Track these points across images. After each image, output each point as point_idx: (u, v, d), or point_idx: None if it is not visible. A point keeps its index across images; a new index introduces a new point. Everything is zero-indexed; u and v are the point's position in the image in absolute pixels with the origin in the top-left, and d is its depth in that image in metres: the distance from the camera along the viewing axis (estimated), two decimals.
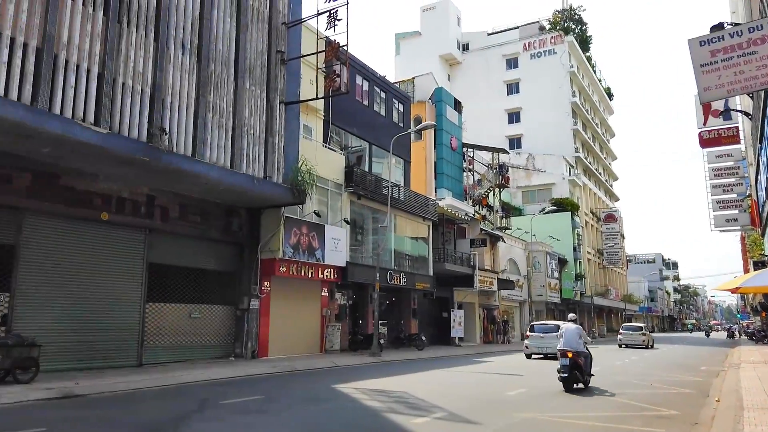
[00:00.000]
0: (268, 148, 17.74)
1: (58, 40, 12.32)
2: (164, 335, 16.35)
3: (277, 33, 18.60)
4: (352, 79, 26.01)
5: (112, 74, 13.36)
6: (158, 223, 16.18)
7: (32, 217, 13.44)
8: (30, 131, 11.53)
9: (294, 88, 19.19)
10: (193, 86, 15.45)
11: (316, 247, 20.40)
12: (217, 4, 16.43)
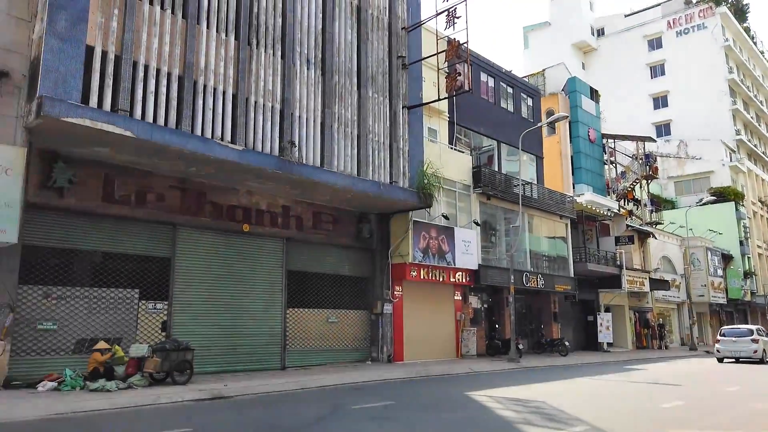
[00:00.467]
0: (393, 153, 17.86)
1: (197, 66, 13.38)
2: (304, 339, 17.04)
3: (397, 38, 18.70)
4: (476, 77, 25.49)
5: (245, 94, 14.23)
6: (294, 232, 16.93)
7: (184, 231, 14.69)
8: (176, 153, 12.63)
9: (416, 92, 19.16)
10: (318, 99, 16.01)
11: (446, 250, 20.13)
12: (338, 17, 16.90)
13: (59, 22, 11.24)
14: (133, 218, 13.65)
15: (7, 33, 11.39)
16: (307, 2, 16.08)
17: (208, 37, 13.70)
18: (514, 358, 20.28)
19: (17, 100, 11.37)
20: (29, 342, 11.94)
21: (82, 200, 12.79)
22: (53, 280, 12.46)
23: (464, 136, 24.77)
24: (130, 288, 13.64)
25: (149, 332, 13.77)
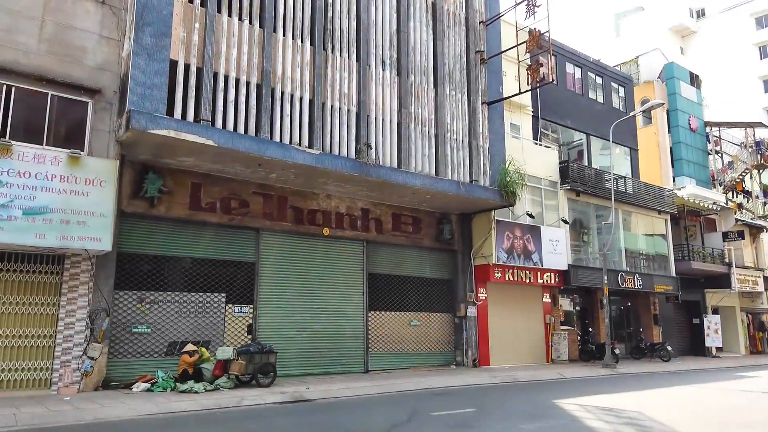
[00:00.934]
0: (473, 151, 17.35)
1: (274, 74, 13.62)
2: (387, 343, 16.91)
3: (474, 33, 18.18)
4: (561, 68, 24.38)
5: (321, 98, 14.32)
6: (374, 235, 16.85)
7: (267, 235, 15.00)
8: (255, 159, 12.91)
9: (496, 87, 18.53)
10: (395, 100, 15.85)
11: (532, 250, 19.30)
12: (413, 16, 16.66)
13: (145, 39, 11.80)
14: (218, 224, 14.11)
15: (99, 53, 12.10)
16: (381, 3, 15.99)
17: (285, 45, 13.92)
18: (609, 363, 19.08)
19: (109, 116, 12.05)
20: (126, 345, 12.61)
21: (171, 209, 13.37)
22: (146, 285, 13.10)
23: (551, 131, 23.73)
24: (217, 292, 14.10)
25: (236, 335, 14.16)
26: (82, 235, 11.20)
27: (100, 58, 12.11)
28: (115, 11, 12.42)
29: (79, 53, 11.87)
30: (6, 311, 11.09)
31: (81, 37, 11.94)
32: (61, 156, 11.16)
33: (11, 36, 11.15)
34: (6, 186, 10.56)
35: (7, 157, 10.63)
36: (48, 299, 11.54)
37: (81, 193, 11.29)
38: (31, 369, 11.24)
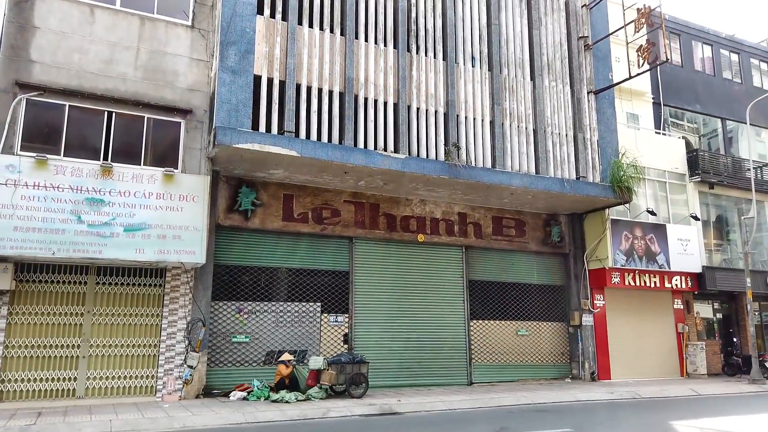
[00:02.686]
0: (579, 145, 15.92)
1: (357, 81, 13.44)
2: (492, 354, 15.95)
3: (576, 18, 16.77)
4: (687, 48, 21.87)
5: (406, 102, 13.90)
6: (473, 240, 16.03)
7: (360, 244, 14.81)
8: (340, 168, 12.77)
9: (605, 73, 16.92)
10: (486, 96, 15.00)
11: (656, 251, 17.27)
12: (504, 7, 15.73)
13: (229, 58, 12.17)
14: (311, 234, 14.16)
15: (189, 75, 12.68)
16: None
17: (367, 50, 13.71)
18: (757, 378, 16.50)
19: (201, 134, 12.55)
20: (225, 354, 12.99)
21: (265, 221, 13.63)
22: (244, 295, 13.43)
23: (679, 118, 21.31)
24: (312, 302, 14.13)
25: (332, 345, 14.07)
26: (177, 249, 11.72)
27: (190, 79, 12.68)
28: (204, 33, 12.97)
29: (172, 77, 12.51)
30: (114, 322, 11.87)
31: (173, 62, 12.59)
32: (157, 174, 11.78)
33: (111, 66, 12.01)
34: (108, 205, 11.33)
35: (108, 178, 11.42)
36: (152, 310, 12.20)
37: (176, 208, 11.83)
38: (139, 377, 11.91)
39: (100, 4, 12.17)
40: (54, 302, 11.54)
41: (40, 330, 11.36)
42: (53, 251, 10.82)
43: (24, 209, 10.77)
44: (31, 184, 10.89)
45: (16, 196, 10.77)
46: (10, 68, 11.25)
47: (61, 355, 11.42)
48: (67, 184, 11.15)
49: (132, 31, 12.36)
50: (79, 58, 11.79)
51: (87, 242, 11.09)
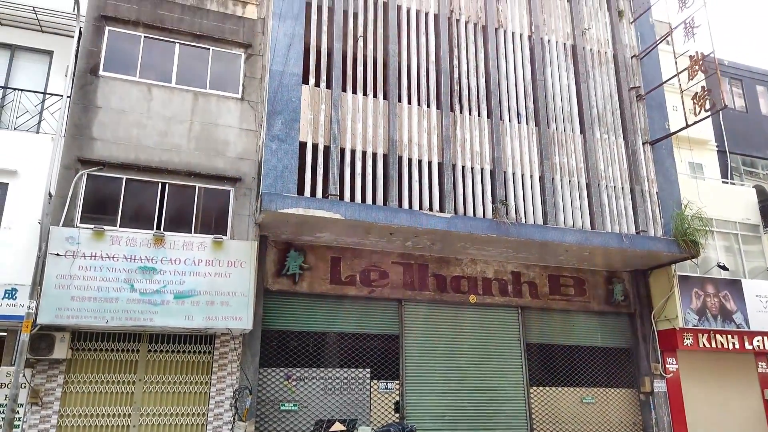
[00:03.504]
0: (637, 198, 15.19)
1: (400, 142, 13.51)
2: (556, 423, 14.87)
3: (626, 69, 16.41)
4: (751, 92, 20.94)
5: (451, 160, 13.80)
6: (529, 300, 15.34)
7: (410, 306, 14.45)
8: (385, 229, 12.67)
9: (661, 123, 16.30)
10: (534, 152, 14.69)
11: (732, 309, 15.93)
12: (549, 63, 15.62)
13: (276, 126, 12.55)
14: (359, 297, 13.95)
15: (239, 144, 13.12)
16: (512, 56, 15.29)
17: (410, 112, 13.83)
18: None
19: (249, 200, 12.82)
20: (274, 423, 12.71)
21: (313, 284, 13.57)
22: (292, 362, 13.24)
23: (753, 166, 20.17)
24: (362, 367, 13.75)
25: (383, 413, 13.54)
26: (225, 315, 11.77)
27: (240, 148, 13.11)
28: (253, 105, 13.48)
29: (222, 146, 12.98)
30: (165, 390, 11.91)
31: (224, 132, 13.09)
32: (207, 242, 12.03)
33: (166, 139, 12.61)
34: (160, 273, 11.61)
35: (161, 247, 11.75)
36: (200, 378, 12.19)
37: (224, 275, 11.98)
38: None
39: (157, 83, 12.94)
40: (107, 370, 11.73)
41: (93, 399, 11.52)
42: (107, 320, 11.10)
43: (81, 279, 11.18)
44: (89, 255, 11.33)
45: (75, 267, 11.22)
46: (73, 146, 12.00)
47: (113, 425, 11.49)
48: (122, 253, 11.54)
49: (186, 105, 13.00)
50: (137, 133, 12.46)
51: (139, 310, 11.33)
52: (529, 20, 15.70)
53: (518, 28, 15.52)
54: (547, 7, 16.06)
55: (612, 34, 16.64)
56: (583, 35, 16.21)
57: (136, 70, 12.91)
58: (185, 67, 13.32)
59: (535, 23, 15.67)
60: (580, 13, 16.40)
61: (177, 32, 13.40)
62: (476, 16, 15.17)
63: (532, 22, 15.68)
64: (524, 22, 15.66)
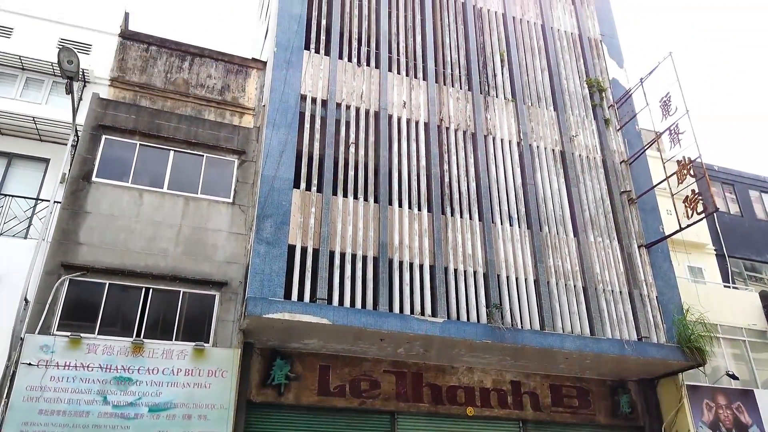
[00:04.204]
0: (636, 302, 14.74)
1: (391, 245, 13.34)
2: None
3: (616, 173, 16.61)
4: (744, 197, 21.11)
5: (443, 263, 13.56)
6: (530, 413, 14.39)
7: (403, 419, 13.51)
8: (374, 334, 12.17)
9: (655, 226, 16.21)
10: (528, 255, 14.48)
11: (746, 422, 14.92)
12: (539, 168, 15.84)
13: (266, 230, 12.46)
14: (349, 409, 13.11)
15: (227, 248, 12.97)
16: (502, 161, 15.54)
17: (401, 215, 13.80)
18: None
19: (234, 305, 12.45)
20: None
21: (299, 395, 12.81)
22: None
23: (756, 270, 19.86)
24: None
25: None
26: (202, 430, 11.01)
27: (228, 252, 12.94)
28: (243, 209, 13.50)
29: (210, 250, 12.82)
30: None
31: (213, 236, 12.99)
32: (187, 349, 11.52)
33: (154, 243, 12.48)
34: (136, 384, 11.01)
35: (139, 356, 11.24)
36: None
37: (203, 385, 11.36)
38: None
39: (149, 189, 13.04)
40: None
41: None
42: None
43: (52, 391, 10.60)
44: (63, 365, 10.82)
45: (46, 378, 10.67)
46: (59, 251, 11.84)
47: None
48: (98, 362, 11.02)
49: (176, 210, 13.01)
50: (124, 238, 12.35)
51: (110, 425, 10.64)
52: (518, 128, 16.14)
53: (507, 135, 15.92)
54: (535, 116, 16.58)
55: (600, 140, 17.03)
56: (571, 141, 16.59)
57: (128, 176, 13.06)
58: (178, 172, 13.49)
59: (523, 131, 16.09)
60: (567, 121, 16.90)
61: (173, 140, 13.73)
62: (465, 125, 15.61)
63: (520, 130, 16.11)
64: (512, 129, 16.09)
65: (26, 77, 14.45)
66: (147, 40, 15.67)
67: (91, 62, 14.76)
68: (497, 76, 16.64)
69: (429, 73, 15.76)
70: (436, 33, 16.63)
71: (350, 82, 14.90)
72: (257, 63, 16.63)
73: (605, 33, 19.15)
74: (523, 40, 17.68)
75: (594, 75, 17.99)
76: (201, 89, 15.61)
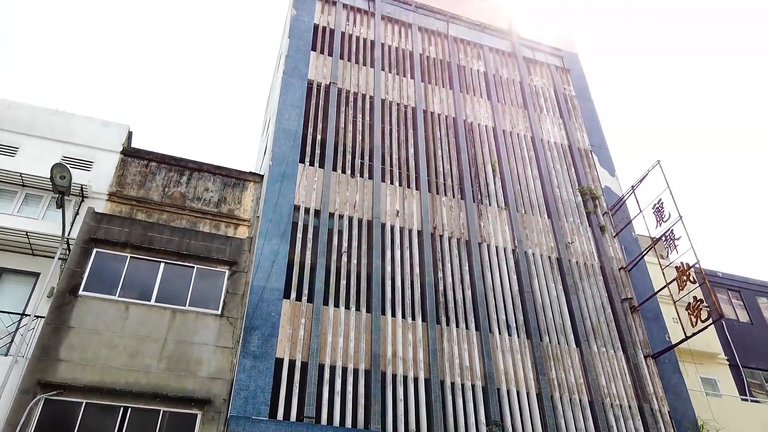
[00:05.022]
0: (647, 418, 13.81)
1: (384, 357, 12.80)
2: None
3: (615, 280, 16.30)
4: (752, 304, 20.53)
5: (439, 376, 12.92)
6: None
7: None
8: None
9: (660, 335, 15.62)
10: (529, 366, 13.82)
11: None
12: (536, 274, 15.60)
13: (253, 342, 12.05)
14: None
15: (213, 362, 12.43)
16: (497, 268, 15.33)
17: (394, 325, 13.38)
18: None
19: (217, 425, 11.69)
20: None
21: None
22: None
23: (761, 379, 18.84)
24: None
25: None
26: None
27: (213, 367, 12.38)
28: (232, 321, 13.12)
29: (195, 366, 12.28)
30: None
31: (198, 350, 12.50)
32: None
33: (136, 359, 11.99)
34: None
35: None
36: None
37: None
38: None
39: (136, 302, 12.77)
40: None
41: None
42: None
43: None
44: None
45: None
46: (37, 368, 11.37)
47: None
48: None
49: (163, 323, 12.65)
50: (106, 354, 11.89)
51: None
52: (512, 235, 16.10)
53: (501, 242, 15.84)
54: (529, 224, 16.60)
55: (596, 247, 16.91)
56: (568, 248, 16.46)
57: (117, 289, 12.86)
58: (167, 284, 13.29)
59: (518, 238, 16.03)
60: (562, 228, 16.89)
61: (164, 252, 13.67)
62: (459, 232, 15.60)
63: (515, 237, 16.06)
64: (507, 237, 16.04)
65: (26, 193, 14.74)
66: (147, 156, 16.16)
67: (91, 178, 15.12)
68: (490, 185, 16.89)
69: (422, 182, 16.03)
70: (429, 145, 17.14)
71: (344, 193, 15.11)
72: (255, 176, 17.00)
73: (595, 143, 19.68)
74: (513, 150, 18.16)
75: (586, 183, 18.24)
76: (197, 202, 15.82)
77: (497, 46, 20.89)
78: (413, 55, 18.99)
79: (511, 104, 19.37)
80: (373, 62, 18.14)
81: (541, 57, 21.45)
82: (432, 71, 18.96)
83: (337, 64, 17.48)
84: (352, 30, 18.79)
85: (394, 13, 19.83)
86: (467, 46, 20.39)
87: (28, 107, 15.74)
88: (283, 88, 16.45)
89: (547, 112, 19.83)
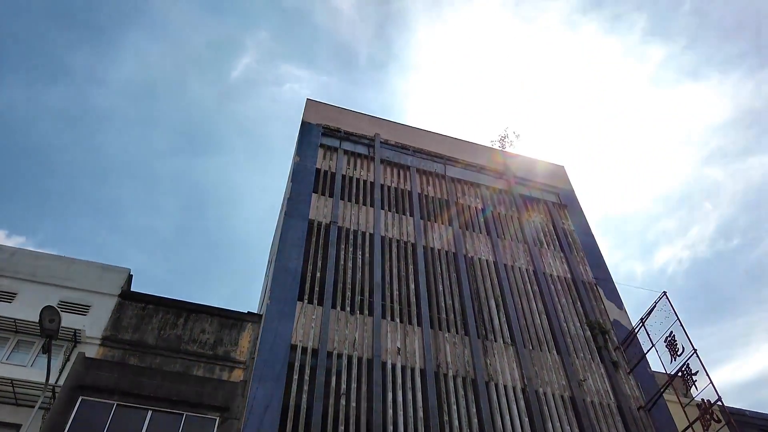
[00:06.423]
0: None
1: None
2: None
3: (635, 421, 15.15)
4: None
5: None
6: None
7: None
8: None
9: None
10: None
11: None
12: (549, 416, 14.53)
13: None
14: None
15: None
16: (507, 410, 14.35)
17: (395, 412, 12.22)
18: None
19: None
20: None
21: None
22: None
23: None
24: None
25: None
26: None
27: None
28: None
29: None
30: None
31: None
32: None
33: None
34: None
35: None
36: None
37: None
38: None
39: None
40: None
41: None
42: None
43: None
44: None
45: None
46: None
47: None
48: None
49: None
50: None
51: None
52: (521, 373, 15.31)
53: (510, 381, 15.02)
54: (538, 360, 15.87)
55: (611, 384, 15.97)
56: (581, 386, 15.54)
57: None
58: None
59: (527, 375, 15.22)
60: (573, 365, 16.10)
61: (153, 398, 12.96)
62: (464, 370, 14.86)
63: (524, 375, 15.25)
64: (515, 374, 15.25)
65: (18, 339, 14.40)
66: (145, 299, 16.01)
67: (86, 323, 14.84)
68: (494, 320, 16.43)
69: (424, 318, 15.62)
70: (429, 280, 16.96)
71: (342, 330, 14.68)
72: (253, 316, 16.65)
73: (599, 276, 19.46)
74: (516, 285, 17.91)
75: (594, 317, 17.73)
76: (193, 344, 15.34)
77: (494, 184, 21.56)
78: (412, 194, 19.53)
79: (510, 239, 19.49)
80: (373, 202, 18.61)
81: (537, 194, 22.01)
82: (431, 209, 19.36)
83: (337, 204, 17.92)
84: (352, 173, 19.54)
85: (393, 157, 20.74)
86: (465, 185, 21.03)
87: (30, 253, 15.97)
88: (284, 229, 16.72)
89: (547, 246, 19.89)
